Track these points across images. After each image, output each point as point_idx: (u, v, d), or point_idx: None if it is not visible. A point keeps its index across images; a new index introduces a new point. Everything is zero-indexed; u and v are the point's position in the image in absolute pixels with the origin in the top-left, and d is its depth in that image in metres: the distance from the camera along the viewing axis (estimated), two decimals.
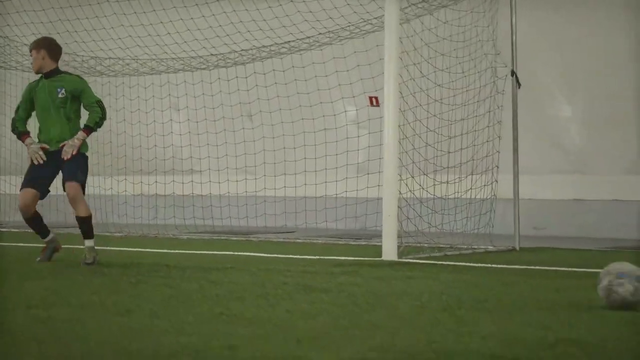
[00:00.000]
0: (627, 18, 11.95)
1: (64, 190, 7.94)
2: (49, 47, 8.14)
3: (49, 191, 8.10)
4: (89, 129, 7.94)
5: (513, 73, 10.00)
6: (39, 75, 8.18)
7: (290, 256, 8.95)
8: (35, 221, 8.09)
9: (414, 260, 8.44)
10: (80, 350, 3.85)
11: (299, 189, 12.75)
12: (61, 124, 7.95)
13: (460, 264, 8.24)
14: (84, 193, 7.99)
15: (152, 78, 13.54)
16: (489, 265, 8.14)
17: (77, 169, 7.91)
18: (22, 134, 8.14)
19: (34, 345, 3.92)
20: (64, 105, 7.96)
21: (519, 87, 10.10)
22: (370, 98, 12.70)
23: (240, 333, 4.27)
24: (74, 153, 7.83)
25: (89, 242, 7.99)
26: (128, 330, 4.35)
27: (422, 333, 4.31)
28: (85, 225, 8.00)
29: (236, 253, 9.26)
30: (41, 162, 7.89)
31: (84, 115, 8.06)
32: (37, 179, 7.97)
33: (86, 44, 12.63)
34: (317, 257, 8.78)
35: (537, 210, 11.83)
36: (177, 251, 9.58)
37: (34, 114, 8.20)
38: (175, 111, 13.95)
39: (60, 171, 7.96)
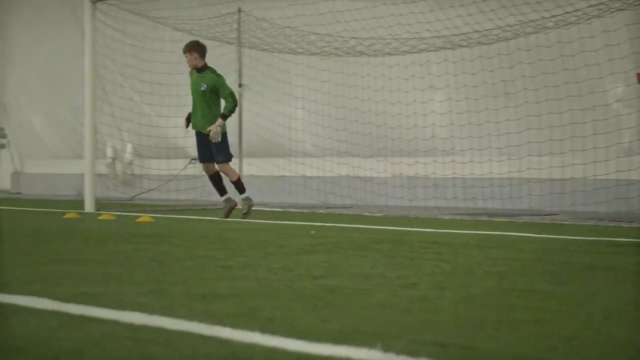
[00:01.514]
0: None
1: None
2: (198, 49, 10.89)
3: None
4: (224, 117, 10.73)
5: None
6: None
7: (563, 237, 8.52)
8: (214, 181, 11.24)
9: None
10: (373, 318, 3.73)
11: (566, 170, 12.20)
12: (203, 109, 10.80)
13: None
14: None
15: (412, 57, 13.39)
16: None
17: (221, 151, 10.85)
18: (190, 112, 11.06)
19: (330, 311, 3.84)
20: (205, 95, 10.75)
21: None
22: (638, 75, 11.92)
23: (535, 306, 4.01)
24: (218, 140, 10.67)
25: (242, 196, 11.13)
26: (418, 301, 4.19)
27: None
28: (237, 184, 11.20)
29: (505, 233, 8.94)
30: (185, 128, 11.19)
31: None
32: (201, 155, 11.11)
33: (348, 23, 12.68)
34: (592, 238, 8.31)
35: None
36: (442, 230, 9.39)
37: None
38: (435, 90, 13.74)
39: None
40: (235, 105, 10.76)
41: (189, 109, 11.29)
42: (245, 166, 14.81)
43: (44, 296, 4.15)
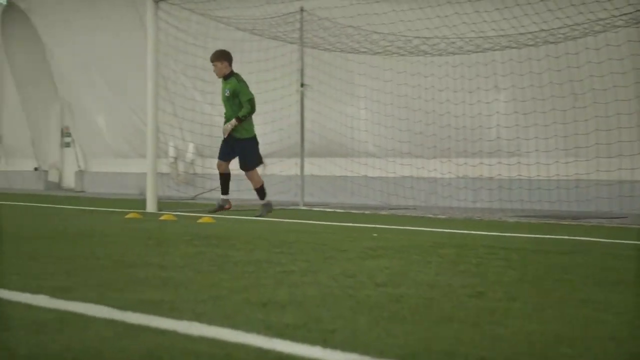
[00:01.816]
0: None
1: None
2: (227, 57, 11.60)
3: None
4: (239, 119, 11.44)
5: None
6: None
7: (633, 242, 8.25)
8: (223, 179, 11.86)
9: None
10: (440, 333, 3.57)
11: (636, 172, 11.86)
12: (229, 113, 11.56)
13: None
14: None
15: (477, 56, 13.15)
16: None
17: (247, 157, 11.66)
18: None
19: (395, 324, 3.69)
20: (229, 100, 11.51)
21: None
22: None
23: (611, 320, 3.80)
24: (225, 136, 11.57)
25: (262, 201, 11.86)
26: (487, 313, 4.01)
27: None
28: (259, 192, 11.89)
29: (572, 237, 8.68)
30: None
31: None
32: (223, 154, 11.80)
33: (412, 22, 12.50)
34: None
35: None
36: (507, 234, 9.16)
37: None
38: (500, 90, 13.48)
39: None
40: (250, 112, 11.46)
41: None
42: (307, 166, 14.71)
43: (102, 303, 4.07)
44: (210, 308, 4.04)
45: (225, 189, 11.93)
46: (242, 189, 13.57)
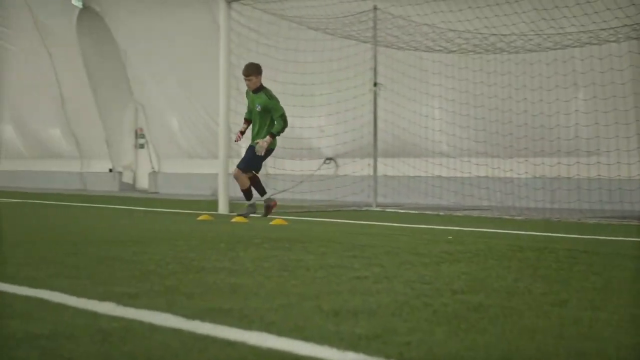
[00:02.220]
0: None
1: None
2: (260, 71, 11.56)
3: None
4: (273, 135, 11.38)
5: None
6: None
7: None
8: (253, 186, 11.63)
9: None
10: (523, 346, 3.36)
11: None
12: (259, 126, 11.48)
13: None
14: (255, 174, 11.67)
15: (555, 53, 12.80)
16: None
17: (248, 161, 11.51)
18: (245, 120, 11.80)
19: (474, 336, 3.49)
20: (260, 115, 11.43)
21: None
22: None
23: None
24: (261, 154, 11.34)
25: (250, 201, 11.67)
26: (571, 323, 3.78)
27: None
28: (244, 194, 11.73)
29: None
30: (236, 139, 11.70)
31: None
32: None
33: (488, 19, 12.21)
34: None
35: None
36: (588, 236, 8.85)
37: None
38: (579, 88, 13.09)
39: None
40: (284, 127, 11.40)
41: (324, 110, 11.34)
42: (380, 166, 14.51)
43: (169, 311, 3.94)
44: (281, 317, 3.88)
45: (261, 191, 11.79)
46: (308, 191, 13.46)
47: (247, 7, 13.94)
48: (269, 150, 11.56)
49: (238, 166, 11.60)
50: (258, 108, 11.43)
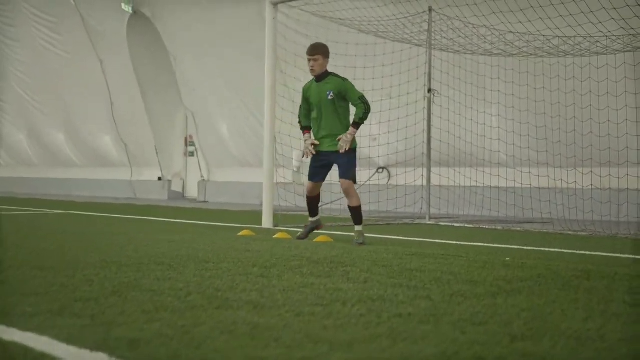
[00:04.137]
0: None
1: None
2: (328, 51, 9.39)
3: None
4: (357, 125, 9.17)
5: None
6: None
7: None
8: (312, 202, 9.70)
9: None
10: None
11: None
12: (333, 123, 9.26)
13: None
14: (354, 184, 9.31)
15: (624, 56, 11.97)
16: None
17: (350, 167, 9.23)
18: (303, 129, 9.57)
19: None
20: (334, 105, 9.23)
21: None
22: None
23: None
24: (346, 149, 9.12)
25: (358, 227, 9.41)
26: None
27: None
28: (356, 213, 9.38)
29: None
30: (310, 155, 9.34)
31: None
32: (314, 174, 9.47)
33: (552, 20, 11.42)
34: None
35: None
36: None
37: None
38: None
39: (336, 165, 9.32)
40: (367, 112, 9.15)
41: (376, 117, 10.49)
42: (433, 177, 13.77)
43: None
44: None
45: (314, 212, 9.82)
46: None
47: (295, 9, 13.31)
48: (354, 150, 9.33)
49: (344, 177, 9.21)
50: (330, 95, 9.17)
